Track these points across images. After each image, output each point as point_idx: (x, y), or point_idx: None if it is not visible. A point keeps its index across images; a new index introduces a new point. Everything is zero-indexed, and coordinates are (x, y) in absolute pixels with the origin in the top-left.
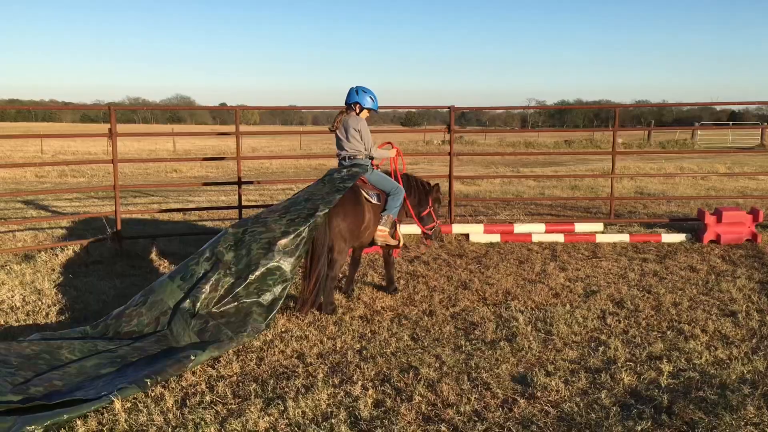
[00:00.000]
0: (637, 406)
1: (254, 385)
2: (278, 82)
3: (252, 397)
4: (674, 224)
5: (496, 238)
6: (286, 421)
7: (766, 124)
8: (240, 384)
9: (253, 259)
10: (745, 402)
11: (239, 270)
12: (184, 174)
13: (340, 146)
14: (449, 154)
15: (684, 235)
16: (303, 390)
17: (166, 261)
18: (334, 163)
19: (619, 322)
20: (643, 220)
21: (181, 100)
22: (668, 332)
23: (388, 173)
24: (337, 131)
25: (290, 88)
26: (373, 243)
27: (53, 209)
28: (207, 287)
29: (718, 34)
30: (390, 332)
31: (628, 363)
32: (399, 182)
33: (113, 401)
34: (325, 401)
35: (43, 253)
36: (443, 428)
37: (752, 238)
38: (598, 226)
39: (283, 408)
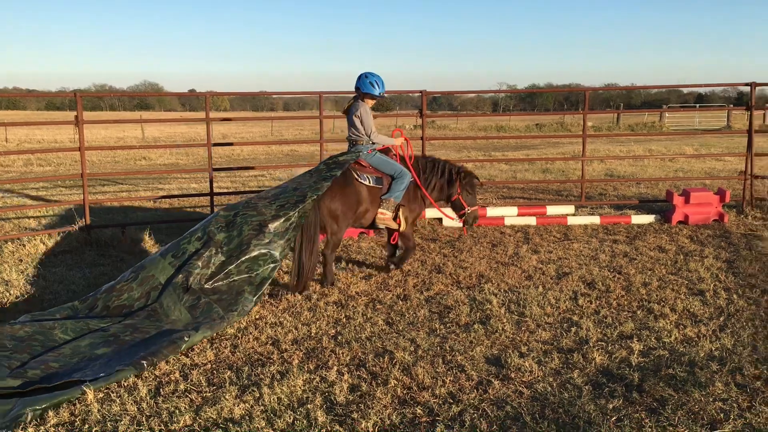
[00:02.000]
0: (609, 385)
1: (229, 372)
2: (248, 67)
3: (227, 384)
4: (643, 206)
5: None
6: (262, 407)
7: (731, 105)
8: (214, 372)
9: (245, 239)
10: (713, 378)
11: (230, 249)
12: (153, 161)
13: (348, 130)
14: (421, 138)
15: (653, 216)
16: (278, 376)
17: (136, 249)
18: (305, 148)
19: (591, 303)
20: (613, 202)
21: (149, 86)
22: (638, 312)
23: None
24: (347, 116)
25: (261, 73)
26: (374, 225)
27: (19, 199)
28: (199, 263)
29: (684, 18)
30: (365, 317)
31: (599, 343)
32: (410, 169)
33: (110, 382)
34: (300, 387)
35: (9, 243)
36: (419, 411)
37: (719, 218)
38: (570, 209)
39: (258, 395)
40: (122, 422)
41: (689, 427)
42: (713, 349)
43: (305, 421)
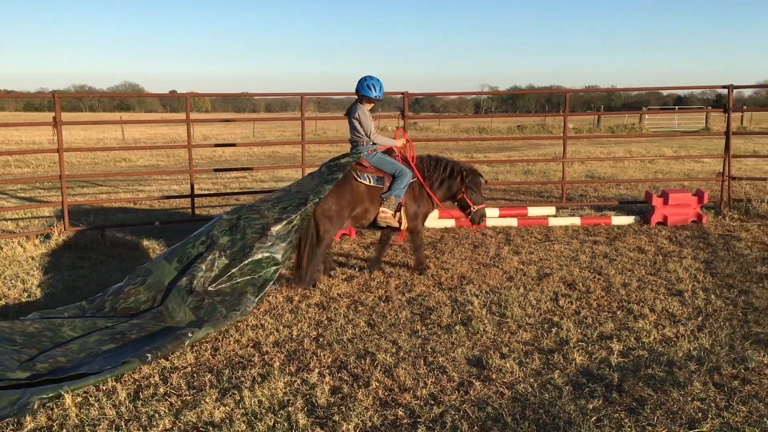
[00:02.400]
0: (589, 385)
1: (209, 375)
2: (230, 68)
3: (207, 387)
4: (623, 207)
5: (450, 223)
6: (243, 410)
7: (710, 108)
8: (195, 375)
9: (248, 242)
10: (691, 378)
11: (234, 252)
12: (133, 163)
13: (350, 132)
14: None
15: (633, 217)
16: (259, 379)
17: (115, 252)
18: (287, 150)
19: (571, 304)
20: (594, 203)
21: (129, 87)
22: (618, 312)
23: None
24: (348, 119)
25: (243, 74)
26: (376, 224)
27: None
28: (203, 266)
29: (664, 21)
30: (346, 319)
31: (580, 343)
32: (413, 169)
33: (116, 374)
34: (281, 389)
35: None
36: (400, 412)
37: (698, 219)
38: (551, 210)
39: (239, 398)
40: (101, 426)
41: (668, 426)
42: (691, 349)
43: (286, 424)
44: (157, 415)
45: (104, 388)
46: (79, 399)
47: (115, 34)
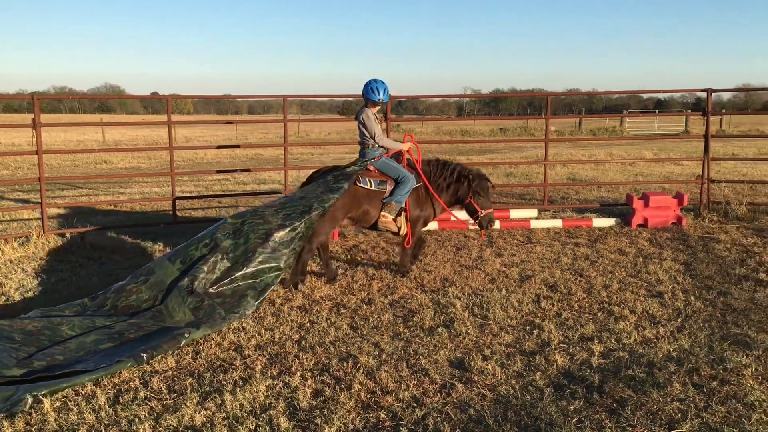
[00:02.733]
0: (570, 387)
1: (190, 379)
2: (213, 70)
3: (188, 391)
4: (604, 209)
5: (433, 225)
6: (224, 414)
7: (689, 111)
8: (175, 379)
9: (251, 247)
10: (671, 379)
11: (236, 256)
12: (114, 165)
13: (359, 135)
14: None
15: (614, 219)
16: (241, 382)
17: (96, 254)
18: (270, 152)
19: (553, 306)
20: (575, 205)
21: (110, 89)
22: (599, 314)
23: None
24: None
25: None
26: (376, 227)
27: None
28: (205, 267)
29: (644, 25)
30: (329, 321)
31: (561, 345)
32: (420, 173)
33: (110, 372)
34: (263, 393)
35: None
36: (382, 415)
37: (677, 222)
38: (533, 212)
39: (220, 401)
40: (79, 431)
41: (648, 427)
42: (671, 350)
43: (268, 428)
44: (137, 419)
45: (83, 392)
46: (58, 404)
47: (96, 34)
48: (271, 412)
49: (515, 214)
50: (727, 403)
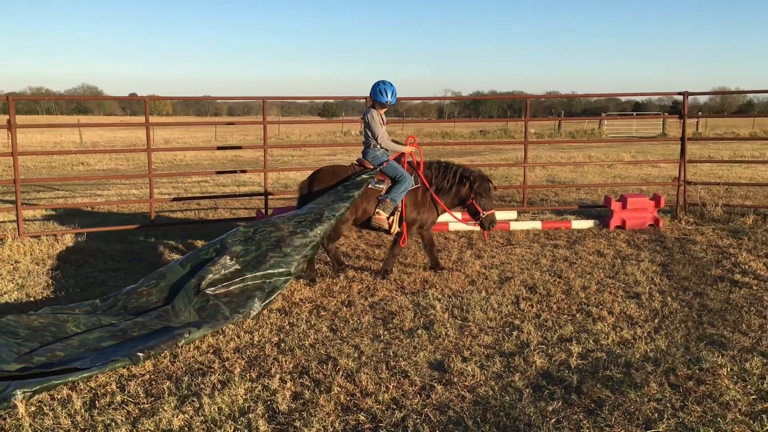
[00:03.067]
0: (549, 387)
1: (168, 382)
2: (193, 71)
3: (166, 395)
4: (583, 211)
5: None
6: (202, 418)
7: (667, 114)
8: (153, 382)
9: (262, 251)
10: (648, 379)
11: (246, 260)
12: (92, 167)
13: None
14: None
15: (592, 221)
16: (219, 386)
17: (72, 257)
18: (250, 154)
19: (532, 307)
20: (554, 207)
21: (87, 89)
22: (578, 315)
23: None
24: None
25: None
26: (370, 225)
27: None
28: (213, 268)
29: (623, 29)
30: (308, 324)
31: (540, 346)
32: (421, 176)
33: (105, 371)
34: (242, 396)
35: None
36: (362, 417)
37: (655, 223)
38: (512, 214)
39: (198, 405)
40: None
41: (625, 427)
42: (648, 350)
43: (246, 431)
44: (113, 424)
45: (59, 396)
46: (33, 408)
47: (73, 34)
48: (250, 415)
49: (497, 216)
50: (702, 402)
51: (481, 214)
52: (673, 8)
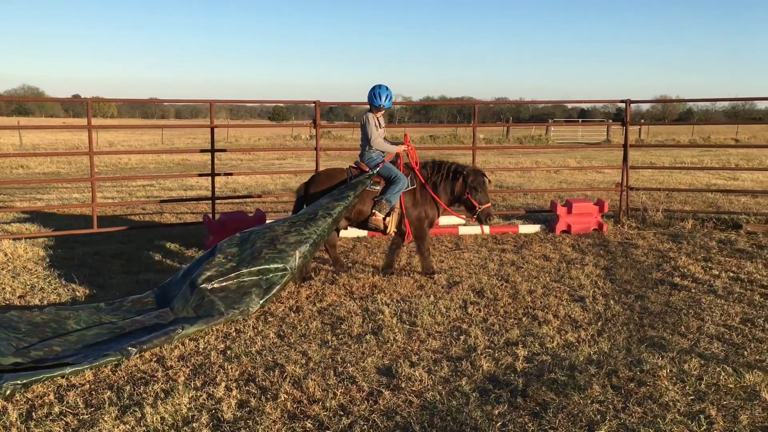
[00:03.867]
0: (495, 391)
1: (109, 392)
2: (139, 73)
3: (106, 405)
4: (530, 216)
5: (363, 232)
6: (144, 428)
7: (610, 121)
8: (93, 392)
9: (257, 248)
10: (591, 382)
11: (242, 258)
12: (32, 170)
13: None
14: (316, 149)
15: (539, 225)
16: (162, 395)
17: (10, 266)
18: (197, 158)
19: (480, 311)
20: (502, 212)
21: (28, 90)
22: (524, 319)
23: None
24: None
25: (151, 79)
26: (367, 225)
27: None
28: (209, 266)
29: (569, 36)
30: (255, 330)
31: (487, 350)
32: (417, 174)
33: (95, 366)
34: (186, 405)
35: None
36: (309, 425)
37: (599, 228)
38: (461, 219)
39: (140, 415)
40: None
41: (569, 429)
42: (592, 353)
43: None
44: None
45: None
46: None
47: (13, 33)
48: (194, 424)
49: (444, 220)
50: (643, 403)
51: (478, 209)
52: (617, 16)
